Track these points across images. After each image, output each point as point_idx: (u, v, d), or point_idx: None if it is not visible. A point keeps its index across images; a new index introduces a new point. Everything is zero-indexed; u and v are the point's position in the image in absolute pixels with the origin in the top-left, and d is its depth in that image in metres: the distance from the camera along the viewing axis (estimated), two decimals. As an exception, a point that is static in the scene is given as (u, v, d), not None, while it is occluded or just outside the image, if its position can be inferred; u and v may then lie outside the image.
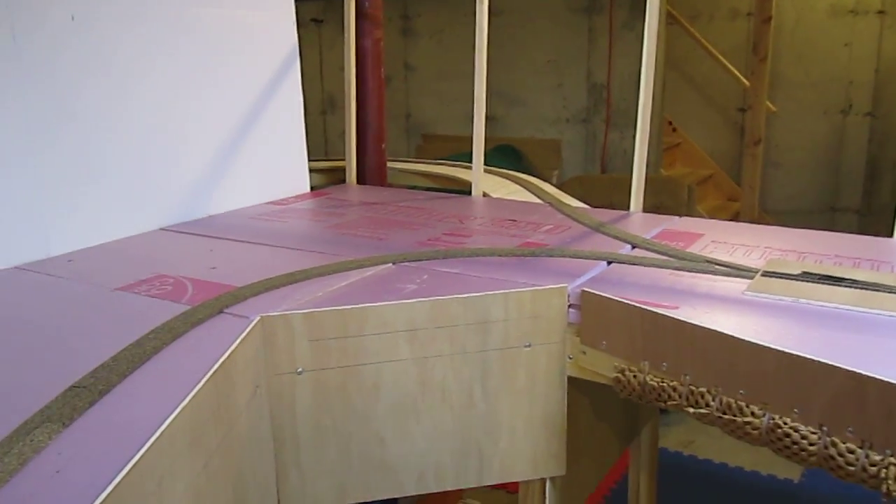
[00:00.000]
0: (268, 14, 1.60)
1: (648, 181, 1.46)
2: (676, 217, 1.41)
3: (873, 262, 1.10)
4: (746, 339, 0.78)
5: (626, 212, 1.47)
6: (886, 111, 3.94)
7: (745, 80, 3.90)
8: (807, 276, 1.01)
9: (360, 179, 1.94)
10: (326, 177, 2.19)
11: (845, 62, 3.97)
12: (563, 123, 4.03)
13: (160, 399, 0.70)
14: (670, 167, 4.28)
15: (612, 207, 1.47)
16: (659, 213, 1.44)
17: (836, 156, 4.10)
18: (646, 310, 0.88)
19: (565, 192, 3.70)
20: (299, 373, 0.92)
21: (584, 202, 3.70)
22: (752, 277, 1.02)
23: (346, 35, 1.77)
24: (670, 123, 4.33)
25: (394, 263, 1.12)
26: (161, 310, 0.95)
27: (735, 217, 4.05)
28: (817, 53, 4.00)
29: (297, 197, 1.68)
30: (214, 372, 0.76)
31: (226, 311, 0.94)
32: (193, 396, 0.70)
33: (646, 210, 1.47)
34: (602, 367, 0.95)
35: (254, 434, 0.87)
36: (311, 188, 2.01)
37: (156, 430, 0.62)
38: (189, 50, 1.43)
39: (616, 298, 0.92)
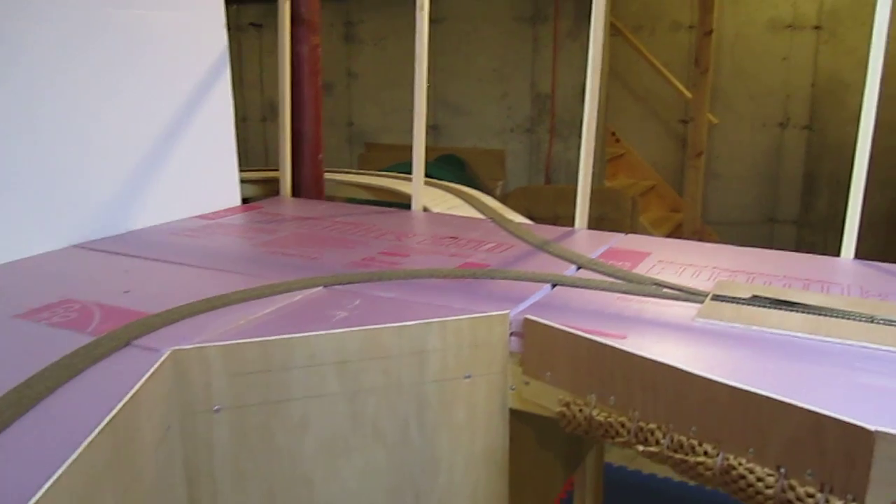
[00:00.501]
0: (194, 16, 1.51)
1: (592, 193, 1.42)
2: (622, 234, 1.37)
3: (822, 284, 1.07)
4: (698, 373, 0.73)
5: (570, 228, 1.42)
6: (822, 125, 4.02)
7: (687, 93, 3.93)
8: (757, 300, 0.97)
9: (296, 192, 1.85)
10: (262, 188, 2.09)
11: (783, 76, 4.04)
12: (507, 133, 3.99)
13: (40, 459, 0.61)
14: (613, 178, 4.29)
15: (557, 219, 1.42)
16: (603, 225, 1.40)
17: (774, 168, 4.17)
18: (592, 340, 0.83)
19: (510, 203, 3.67)
20: (216, 411, 0.84)
21: (529, 214, 3.67)
22: (701, 301, 0.98)
23: (279, 41, 1.68)
24: (613, 134, 4.34)
25: (325, 287, 1.04)
26: (61, 341, 0.85)
27: (678, 228, 4.08)
28: (756, 67, 4.06)
29: (226, 210, 1.58)
30: (113, 417, 0.67)
31: (134, 342, 0.85)
32: (84, 450, 0.61)
33: (590, 221, 1.43)
34: (546, 399, 0.89)
35: (164, 482, 0.78)
36: (246, 200, 1.92)
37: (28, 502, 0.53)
38: (105, 53, 1.33)
39: (560, 327, 0.86)
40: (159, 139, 1.46)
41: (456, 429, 0.93)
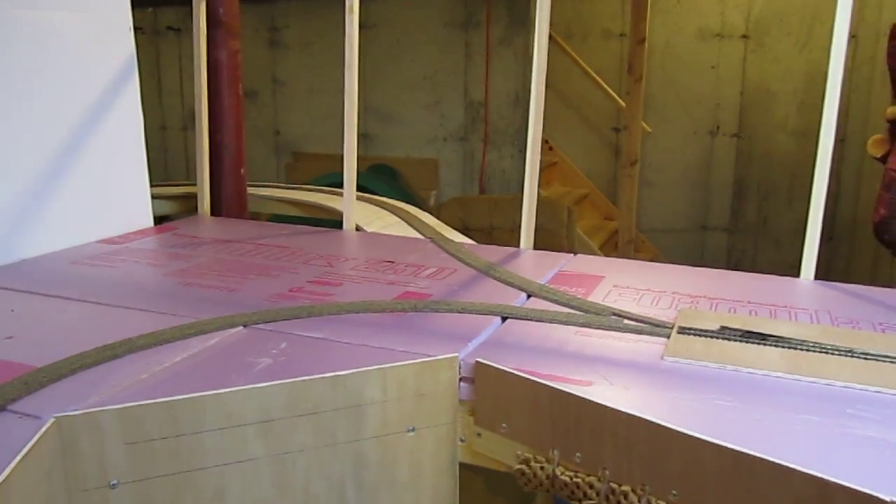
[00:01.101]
0: (96, 18, 1.35)
1: None
2: (570, 255, 1.28)
3: (789, 310, 1.00)
4: (679, 429, 0.64)
5: (515, 249, 1.32)
6: (750, 132, 4.06)
7: (620, 101, 3.91)
8: (727, 333, 0.89)
9: (216, 209, 1.70)
10: (181, 204, 1.93)
11: (713, 84, 4.06)
12: (440, 142, 3.89)
13: None
14: (547, 186, 4.23)
15: (493, 229, 1.33)
16: (539, 236, 1.31)
17: (705, 176, 4.19)
18: (554, 389, 0.72)
19: (444, 214, 3.57)
20: (113, 486, 0.70)
21: (464, 225, 3.57)
22: (667, 335, 0.89)
23: (195, 45, 1.54)
24: (546, 142, 4.29)
25: (244, 326, 0.91)
26: (-81, 407, 0.70)
27: (613, 236, 4.05)
28: (686, 76, 4.07)
29: (136, 233, 1.42)
30: (-28, 515, 0.54)
31: (10, 407, 0.70)
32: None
33: None
34: (501, 453, 0.79)
35: (45, 580, 0.64)
36: (163, 218, 1.76)
37: None
38: (-9, 58, 1.17)
39: (517, 373, 0.75)
40: (57, 153, 1.30)
41: (399, 488, 0.81)
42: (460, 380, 0.80)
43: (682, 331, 0.89)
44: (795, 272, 1.16)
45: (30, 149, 1.25)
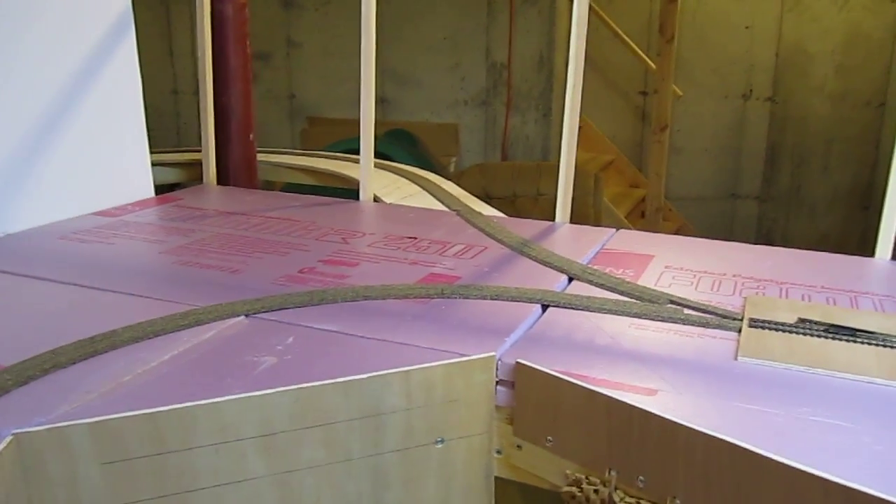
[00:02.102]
0: (85, -34, 1.22)
1: (554, 169, 1.20)
2: (612, 230, 1.15)
3: (872, 297, 0.86)
4: (776, 458, 0.51)
5: (550, 223, 1.19)
6: (786, 96, 3.87)
7: (651, 63, 3.73)
8: (807, 326, 0.76)
9: (223, 178, 1.58)
10: (189, 172, 1.81)
11: (746, 45, 3.86)
12: (460, 106, 3.74)
13: None
14: (572, 153, 4.08)
15: (516, 197, 1.20)
16: None
17: (736, 142, 4.01)
18: (612, 399, 0.60)
19: (464, 181, 3.43)
20: (87, 512, 0.59)
21: (486, 192, 3.44)
22: (737, 328, 0.76)
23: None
24: (571, 107, 4.12)
25: (246, 316, 0.79)
26: None
27: (639, 205, 3.90)
28: (719, 36, 3.88)
29: (135, 204, 1.30)
30: None
31: (-36, 419, 0.59)
32: None
33: (552, 200, 1.20)
34: (546, 469, 0.67)
35: None
36: (174, 186, 1.64)
37: None
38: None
39: (567, 378, 0.63)
40: (47, 117, 1.18)
41: (425, 507, 0.70)
42: (497, 383, 0.68)
43: (755, 323, 0.77)
44: (829, 243, 1.04)
45: (17, 113, 1.13)
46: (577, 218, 1.17)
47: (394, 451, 0.66)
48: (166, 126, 4.42)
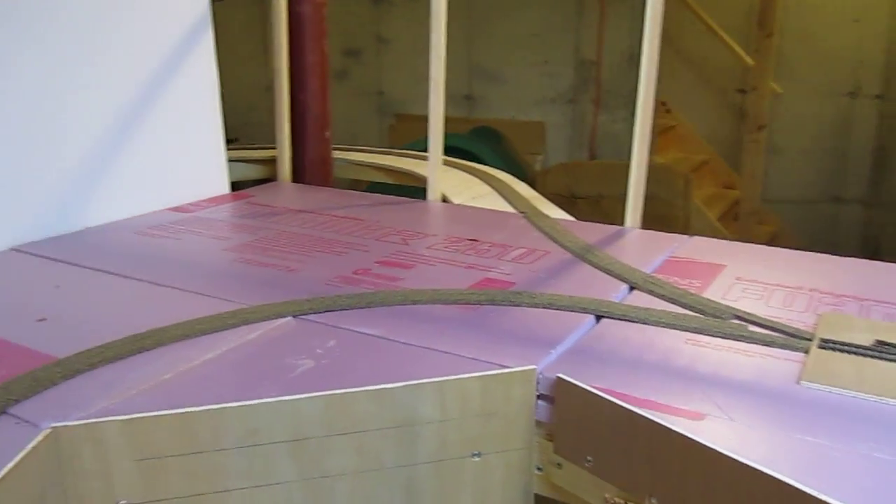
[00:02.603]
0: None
1: None
2: (685, 236, 1.09)
3: (966, 319, 0.79)
4: (828, 500, 0.47)
5: (619, 227, 1.14)
6: (897, 93, 3.63)
7: (747, 59, 3.56)
8: (884, 350, 0.69)
9: (298, 175, 1.60)
10: (269, 168, 1.84)
11: (854, 39, 3.64)
12: (547, 104, 3.68)
13: None
14: (663, 151, 3.95)
15: (601, 198, 1.15)
16: (651, 206, 1.13)
17: (841, 142, 3.79)
18: (653, 422, 0.56)
19: (549, 180, 3.38)
20: (122, 507, 0.60)
21: (571, 192, 3.37)
22: (804, 349, 0.70)
23: (274, -2, 1.42)
24: (664, 104, 3.99)
25: (294, 317, 0.79)
26: (-80, 403, 0.62)
27: (733, 207, 3.74)
28: (824, 30, 3.67)
29: (210, 200, 1.34)
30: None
31: (11, 410, 0.61)
32: None
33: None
34: (585, 490, 0.64)
35: None
36: (254, 182, 1.68)
37: None
38: (64, 18, 1.09)
39: (607, 397, 0.60)
40: (127, 115, 1.22)
41: (461, 521, 0.68)
42: (538, 397, 0.66)
43: (825, 344, 0.71)
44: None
45: (98, 110, 1.18)
46: (664, 220, 1.13)
47: (428, 462, 0.65)
48: (258, 122, 4.56)
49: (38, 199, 1.11)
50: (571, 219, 1.25)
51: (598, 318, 0.79)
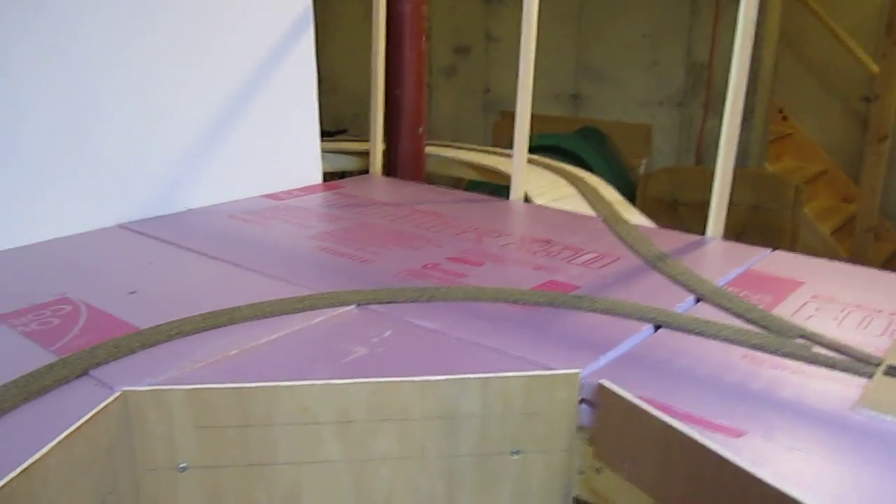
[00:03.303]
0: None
1: (749, 177, 1.12)
2: (768, 250, 1.06)
3: None
4: (853, 528, 0.45)
5: (700, 237, 1.12)
6: None
7: (872, 65, 3.37)
8: (958, 382, 0.66)
9: (391, 170, 1.65)
10: (364, 161, 1.90)
11: None
12: (654, 106, 3.60)
13: None
14: (777, 160, 3.79)
15: (706, 205, 1.12)
16: (758, 216, 1.10)
17: (978, 157, 3.52)
18: (688, 437, 0.56)
19: (652, 184, 3.31)
20: (182, 469, 0.65)
21: (674, 198, 3.29)
22: (868, 374, 0.68)
23: (374, -4, 1.47)
24: (780, 111, 3.83)
25: (358, 305, 0.83)
26: (18, 359, 0.70)
27: (849, 222, 3.54)
28: (965, 36, 3.41)
29: (302, 189, 1.40)
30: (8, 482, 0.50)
31: (92, 372, 0.67)
32: None
33: (743, 212, 1.13)
34: (623, 497, 0.64)
35: (99, 561, 0.60)
36: (343, 175, 1.74)
37: None
38: (172, 12, 1.17)
39: (646, 407, 0.60)
40: (230, 104, 1.30)
41: (501, 515, 0.69)
42: (581, 401, 0.66)
43: (893, 371, 0.68)
44: None
45: (203, 102, 1.25)
46: (771, 231, 1.09)
47: (468, 455, 0.67)
48: (368, 114, 4.68)
49: (145, 181, 1.19)
50: (652, 225, 1.23)
51: (657, 327, 0.78)
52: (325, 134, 1.56)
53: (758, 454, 0.55)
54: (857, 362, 0.70)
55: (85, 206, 1.12)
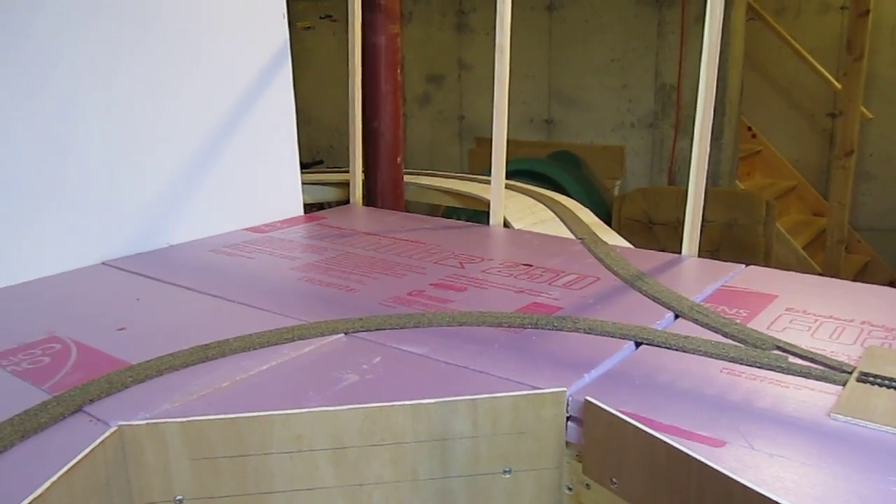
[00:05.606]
0: (249, 4, 1.34)
1: (721, 195, 1.15)
2: (741, 266, 1.09)
3: None
4: (832, 528, 0.48)
5: (676, 255, 1.15)
6: None
7: (835, 83, 3.46)
8: (926, 386, 0.68)
9: (371, 199, 1.67)
10: (343, 191, 1.92)
11: (953, 62, 3.49)
12: (626, 128, 3.67)
13: None
14: (748, 177, 3.87)
15: (680, 224, 1.15)
16: (732, 232, 1.13)
17: (940, 169, 3.62)
18: (672, 447, 0.58)
19: (627, 204, 3.36)
20: (179, 502, 0.66)
21: (648, 218, 3.34)
22: (842, 381, 0.70)
23: (350, 29, 1.50)
24: (749, 129, 3.91)
25: (346, 334, 0.84)
26: (12, 399, 0.70)
27: (820, 235, 3.62)
28: (920, 52, 3.53)
29: (284, 222, 1.42)
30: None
31: (86, 408, 0.68)
32: None
33: (717, 229, 1.16)
34: (612, 511, 0.66)
35: None
36: (322, 206, 1.76)
37: None
38: (151, 48, 1.19)
39: (630, 420, 0.62)
40: (210, 139, 1.31)
41: (494, 534, 0.71)
42: (568, 418, 0.68)
43: (864, 378, 0.70)
44: None
45: (183, 137, 1.27)
46: (745, 247, 1.13)
47: (460, 476, 0.68)
48: (344, 145, 4.71)
49: (128, 218, 1.20)
50: (629, 246, 1.26)
51: (638, 344, 0.80)
52: (302, 165, 1.59)
53: (740, 462, 0.57)
54: (830, 371, 0.73)
55: (69, 244, 1.13)
